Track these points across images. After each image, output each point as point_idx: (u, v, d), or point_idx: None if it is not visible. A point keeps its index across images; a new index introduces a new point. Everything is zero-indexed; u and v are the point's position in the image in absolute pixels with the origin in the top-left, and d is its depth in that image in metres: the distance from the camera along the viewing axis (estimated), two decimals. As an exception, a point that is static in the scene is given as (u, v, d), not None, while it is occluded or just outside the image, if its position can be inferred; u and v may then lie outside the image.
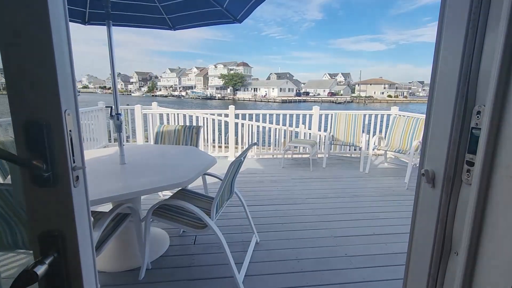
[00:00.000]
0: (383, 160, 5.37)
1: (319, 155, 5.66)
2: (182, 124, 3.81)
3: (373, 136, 5.71)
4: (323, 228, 2.77)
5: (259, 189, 3.81)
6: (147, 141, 5.81)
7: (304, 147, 5.53)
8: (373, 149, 4.75)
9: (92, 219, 0.52)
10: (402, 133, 4.65)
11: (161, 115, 5.60)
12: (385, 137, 5.02)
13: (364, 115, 5.35)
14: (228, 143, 5.54)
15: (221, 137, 6.08)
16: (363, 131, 5.15)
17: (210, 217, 1.92)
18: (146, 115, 5.41)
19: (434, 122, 0.58)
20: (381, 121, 5.70)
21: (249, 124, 5.65)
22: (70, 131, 0.44)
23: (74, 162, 0.44)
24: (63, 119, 0.42)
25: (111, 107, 2.19)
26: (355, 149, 5.81)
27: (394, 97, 77.03)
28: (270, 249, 2.39)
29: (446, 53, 0.56)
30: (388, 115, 5.68)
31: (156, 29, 3.09)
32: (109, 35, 2.16)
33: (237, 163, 1.88)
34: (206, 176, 2.84)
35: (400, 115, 5.19)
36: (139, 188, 1.71)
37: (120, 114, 2.20)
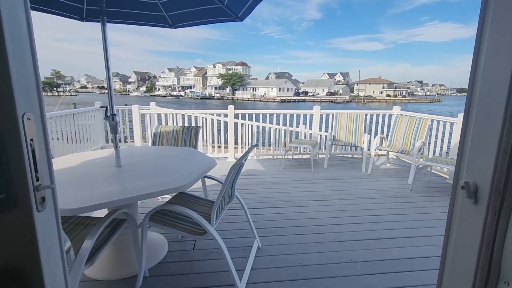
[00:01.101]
0: (385, 160, 5.29)
1: (320, 156, 5.58)
2: (181, 125, 3.72)
3: (374, 136, 5.63)
4: (327, 232, 2.68)
5: (259, 191, 3.72)
6: (145, 142, 5.71)
7: (305, 148, 5.44)
8: (376, 149, 4.66)
9: (68, 244, 0.43)
10: (405, 133, 4.56)
11: (159, 115, 5.50)
12: (387, 137, 4.94)
13: (366, 115, 5.27)
14: (227, 144, 5.44)
15: (220, 137, 5.98)
16: (364, 131, 5.06)
17: (210, 223, 1.82)
18: (144, 115, 5.31)
19: (476, 126, 0.49)
20: (383, 121, 5.61)
21: (249, 124, 5.56)
22: (31, 140, 0.34)
23: (38, 179, 0.35)
24: (20, 125, 0.32)
25: (106, 107, 2.10)
26: (356, 150, 5.73)
27: (393, 96, 77.01)
28: (272, 255, 2.30)
29: (492, 47, 0.47)
30: (390, 115, 5.59)
31: (156, 27, 3.00)
32: (104, 32, 2.06)
33: (238, 166, 1.79)
34: (206, 179, 2.75)
35: (402, 115, 5.10)
36: (135, 193, 1.61)
37: (115, 114, 2.11)
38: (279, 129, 5.83)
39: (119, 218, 1.94)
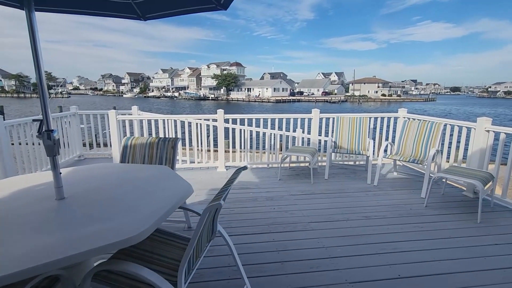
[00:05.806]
0: (391, 169, 4.80)
1: (320, 163, 5.07)
2: (156, 136, 3.18)
3: (379, 142, 5.15)
4: (334, 268, 2.16)
5: (252, 210, 3.19)
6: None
7: (303, 157, 4.93)
8: (384, 157, 4.16)
9: None
10: (415, 140, 4.08)
11: (140, 122, 4.94)
12: (393, 143, 4.45)
13: (370, 118, 4.77)
14: (218, 150, 4.89)
15: (209, 143, 5.45)
16: (368, 137, 4.57)
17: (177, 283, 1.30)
18: (123, 122, 4.74)
19: None
20: (388, 125, 5.13)
21: (240, 129, 5.03)
22: None
23: None
24: None
25: (41, 120, 1.56)
26: (358, 156, 5.23)
27: (388, 95, 77.04)
28: (267, 308, 1.78)
29: None
30: (396, 118, 5.12)
31: (119, 18, 2.45)
32: (29, 17, 1.51)
33: (215, 208, 1.26)
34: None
35: (410, 118, 4.62)
36: (59, 255, 1.08)
37: (53, 131, 1.56)
38: (274, 134, 5.32)
39: (54, 275, 1.41)
